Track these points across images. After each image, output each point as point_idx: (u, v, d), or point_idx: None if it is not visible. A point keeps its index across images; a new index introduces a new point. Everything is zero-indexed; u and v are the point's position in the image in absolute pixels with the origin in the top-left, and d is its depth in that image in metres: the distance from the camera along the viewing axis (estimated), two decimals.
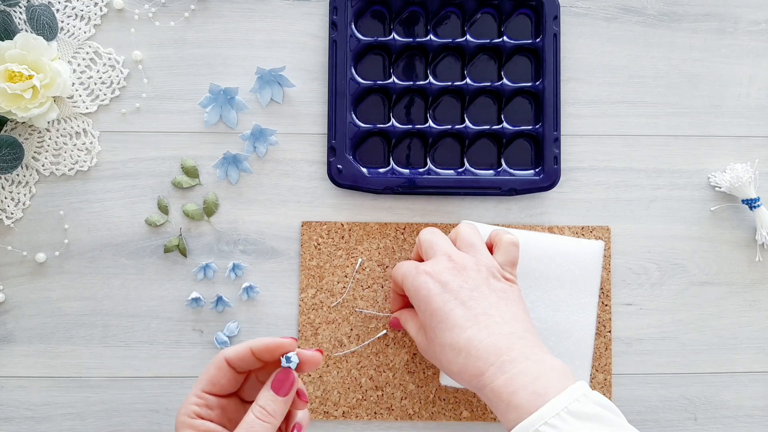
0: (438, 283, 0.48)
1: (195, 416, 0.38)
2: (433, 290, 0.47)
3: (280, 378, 0.38)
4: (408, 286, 0.51)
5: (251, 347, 0.39)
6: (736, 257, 0.67)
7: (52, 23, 0.62)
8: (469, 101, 0.65)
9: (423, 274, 0.49)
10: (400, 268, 0.54)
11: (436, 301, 0.47)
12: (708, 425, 0.66)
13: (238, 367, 0.39)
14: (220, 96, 0.64)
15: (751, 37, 0.67)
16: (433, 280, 0.48)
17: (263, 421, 0.37)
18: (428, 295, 0.47)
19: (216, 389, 0.39)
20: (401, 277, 0.52)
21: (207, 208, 0.64)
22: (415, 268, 0.50)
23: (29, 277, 0.64)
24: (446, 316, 0.46)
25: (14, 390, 0.63)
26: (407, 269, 0.51)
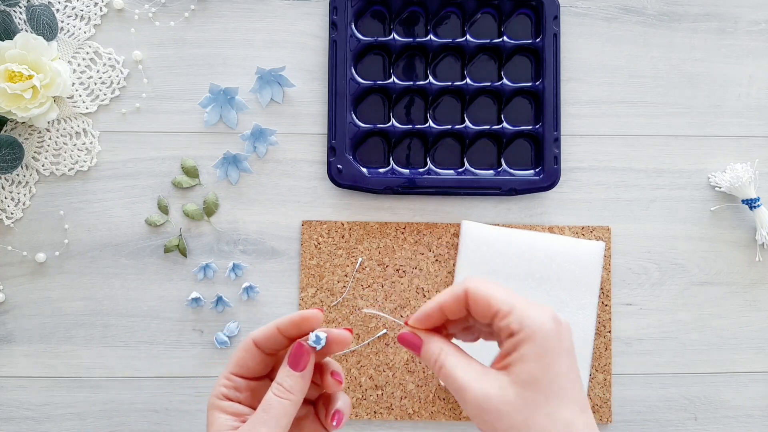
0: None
1: (223, 398, 0.38)
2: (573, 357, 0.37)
3: (295, 352, 0.37)
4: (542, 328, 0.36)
5: (277, 325, 0.38)
6: (736, 257, 0.67)
7: (52, 23, 0.62)
8: (469, 101, 0.65)
9: (568, 330, 0.38)
10: (514, 300, 0.38)
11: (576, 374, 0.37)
12: (708, 425, 0.66)
13: (267, 348, 0.38)
14: (220, 96, 0.64)
15: (751, 37, 0.67)
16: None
17: (280, 397, 0.36)
18: (572, 354, 0.37)
19: (244, 371, 0.38)
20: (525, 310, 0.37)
21: (207, 208, 0.64)
22: (555, 316, 0.38)
23: (29, 277, 0.64)
24: (579, 390, 0.37)
25: (14, 390, 0.63)
26: (544, 313, 0.37)
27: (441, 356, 0.38)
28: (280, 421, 0.35)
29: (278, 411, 0.36)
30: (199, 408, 0.64)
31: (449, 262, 0.65)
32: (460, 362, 0.38)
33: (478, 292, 0.37)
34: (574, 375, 0.36)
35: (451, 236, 0.65)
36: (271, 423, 0.35)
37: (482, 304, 0.37)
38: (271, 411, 0.35)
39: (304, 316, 0.37)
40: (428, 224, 0.65)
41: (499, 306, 0.36)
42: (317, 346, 0.37)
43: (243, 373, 0.38)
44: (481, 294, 0.37)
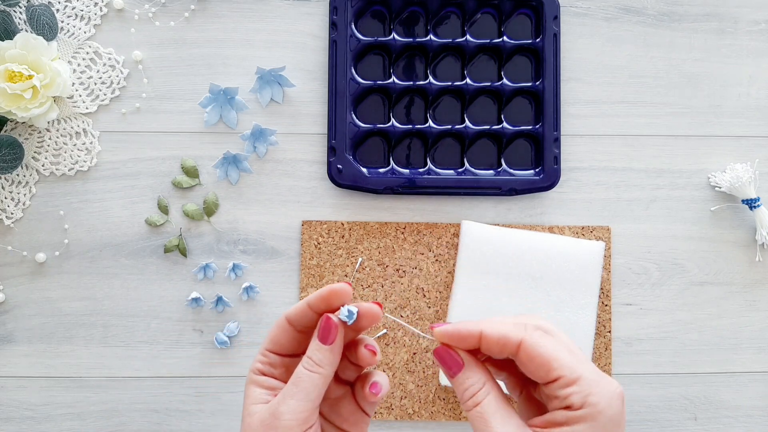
0: None
1: (259, 373, 0.38)
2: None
3: (324, 326, 0.37)
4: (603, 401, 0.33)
5: (308, 301, 0.37)
6: (736, 257, 0.67)
7: (52, 23, 0.62)
8: (469, 101, 0.65)
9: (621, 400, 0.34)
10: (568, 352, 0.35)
11: None
12: (708, 425, 0.66)
13: (299, 325, 0.38)
14: (220, 96, 0.64)
15: (751, 37, 0.67)
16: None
17: (309, 371, 0.36)
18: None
19: (277, 348, 0.38)
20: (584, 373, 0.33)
21: (207, 208, 0.64)
22: (621, 394, 0.34)
23: (29, 277, 0.64)
24: None
25: (14, 390, 0.63)
26: (613, 391, 0.33)
27: (481, 393, 0.35)
28: (309, 394, 0.35)
29: (307, 384, 0.36)
30: (199, 408, 0.64)
31: (449, 262, 0.65)
32: (500, 410, 0.34)
33: (538, 349, 0.33)
34: None
35: (451, 236, 0.65)
36: (300, 395, 0.35)
37: (540, 363, 0.33)
38: (301, 384, 0.36)
39: (333, 289, 0.37)
40: (428, 224, 0.65)
41: (563, 373, 0.33)
42: (348, 321, 0.36)
43: (277, 349, 0.38)
44: (541, 353, 0.33)
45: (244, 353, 0.64)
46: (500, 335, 0.34)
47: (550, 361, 0.33)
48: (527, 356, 0.34)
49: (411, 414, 0.64)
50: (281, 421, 0.35)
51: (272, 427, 0.35)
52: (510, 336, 0.34)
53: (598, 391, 0.32)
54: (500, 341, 0.34)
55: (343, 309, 0.37)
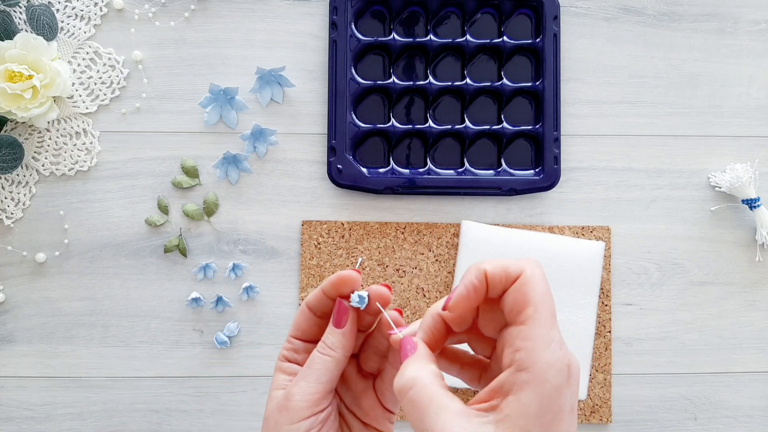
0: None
1: (284, 359, 0.39)
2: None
3: (336, 310, 0.38)
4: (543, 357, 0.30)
5: (322, 287, 0.38)
6: (736, 257, 0.67)
7: (52, 23, 0.62)
8: (469, 101, 0.65)
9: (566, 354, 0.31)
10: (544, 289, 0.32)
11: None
12: (708, 425, 0.66)
13: (318, 311, 0.39)
14: (220, 96, 0.64)
15: (751, 37, 0.67)
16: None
17: (322, 353, 0.37)
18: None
19: (300, 333, 0.39)
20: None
21: (207, 208, 0.64)
22: (572, 364, 0.31)
23: (29, 277, 0.64)
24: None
25: (14, 390, 0.63)
26: (562, 359, 0.30)
27: (414, 375, 0.31)
28: (320, 376, 0.36)
29: (319, 366, 0.36)
30: (199, 408, 0.64)
31: (449, 262, 0.65)
32: (437, 393, 0.31)
33: (527, 287, 0.31)
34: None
35: (451, 236, 0.65)
36: (311, 377, 0.36)
37: (520, 301, 0.31)
38: (313, 366, 0.36)
39: (341, 276, 0.37)
40: (428, 224, 0.65)
41: (529, 322, 0.30)
42: (360, 306, 0.37)
43: (300, 335, 0.39)
44: (527, 291, 0.31)
45: (244, 353, 0.64)
46: (503, 268, 0.32)
47: (528, 303, 0.31)
48: (517, 289, 0.31)
49: None
50: (292, 402, 0.35)
51: (285, 408, 0.35)
52: (510, 268, 0.32)
53: (547, 357, 0.29)
54: (504, 275, 0.32)
55: (354, 295, 0.37)
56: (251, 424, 0.64)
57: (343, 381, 0.39)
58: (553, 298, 0.31)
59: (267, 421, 0.36)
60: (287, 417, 0.35)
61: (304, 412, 0.35)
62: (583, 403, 0.64)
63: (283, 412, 0.35)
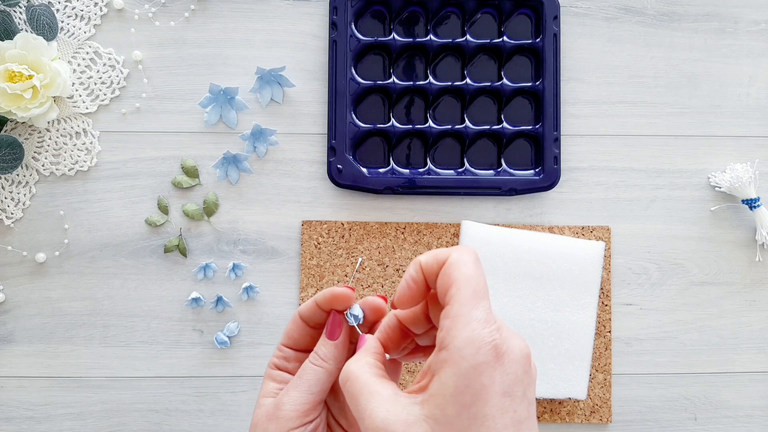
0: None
1: (274, 367, 0.39)
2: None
3: (329, 321, 0.38)
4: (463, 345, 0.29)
5: (315, 299, 0.38)
6: (736, 257, 0.67)
7: (52, 23, 0.62)
8: (469, 101, 0.65)
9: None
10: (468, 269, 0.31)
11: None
12: (708, 425, 0.66)
13: (310, 321, 0.39)
14: (220, 96, 0.64)
15: (751, 37, 0.67)
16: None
17: (314, 364, 0.37)
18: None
19: (291, 343, 0.39)
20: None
21: (207, 208, 0.64)
22: (497, 346, 0.29)
23: (29, 277, 0.64)
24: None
25: (14, 390, 0.63)
26: (481, 337, 0.29)
27: (351, 368, 0.32)
28: (311, 386, 0.36)
29: (310, 377, 0.36)
30: (199, 408, 0.64)
31: None
32: (370, 382, 0.31)
33: (450, 269, 0.31)
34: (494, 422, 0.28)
35: (451, 236, 0.65)
36: (302, 387, 0.36)
37: (444, 283, 0.31)
38: (304, 376, 0.36)
39: (334, 293, 0.37)
40: (428, 224, 0.65)
41: (451, 301, 0.30)
42: (355, 324, 0.38)
43: (291, 344, 0.39)
44: (450, 273, 0.30)
45: (244, 353, 0.64)
46: (434, 256, 0.32)
47: (451, 284, 0.30)
48: (443, 272, 0.31)
49: None
50: (282, 411, 0.35)
51: (274, 417, 0.35)
52: (439, 255, 0.32)
53: (465, 335, 0.28)
54: (435, 262, 0.32)
55: (348, 314, 0.38)
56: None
57: (331, 391, 0.38)
58: (481, 280, 0.30)
59: (254, 428, 0.36)
60: (276, 426, 0.35)
61: (294, 422, 0.35)
62: (583, 403, 0.64)
63: (272, 420, 0.35)
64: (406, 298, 0.33)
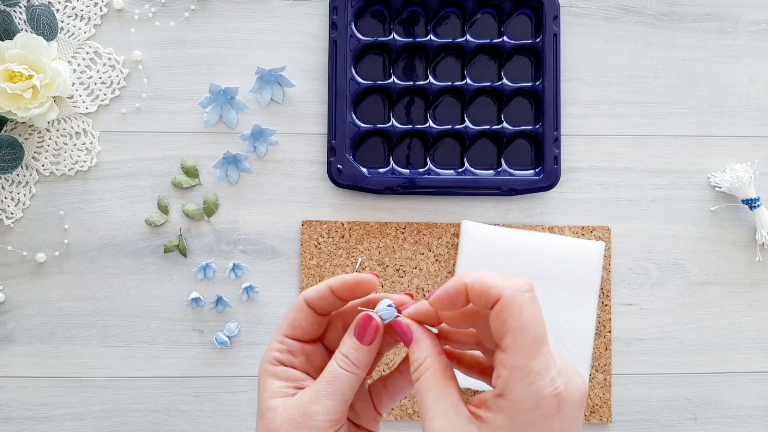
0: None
1: (277, 363, 0.35)
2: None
3: (363, 324, 0.34)
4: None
5: (330, 285, 0.35)
6: (736, 257, 0.67)
7: (52, 23, 0.62)
8: (469, 101, 0.65)
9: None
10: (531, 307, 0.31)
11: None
12: (708, 425, 0.66)
13: (319, 308, 0.35)
14: (220, 96, 0.64)
15: (751, 37, 0.67)
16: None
17: (347, 371, 0.34)
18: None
19: (298, 333, 0.35)
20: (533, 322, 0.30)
21: (207, 208, 0.64)
22: (558, 394, 0.30)
23: (29, 277, 0.64)
24: None
25: (14, 390, 0.63)
26: (546, 387, 0.29)
27: (423, 366, 0.33)
28: (344, 394, 0.34)
29: (344, 384, 0.34)
30: (199, 408, 0.64)
31: (449, 262, 0.65)
32: (438, 384, 0.32)
33: (505, 314, 0.30)
34: None
35: (451, 236, 0.65)
36: (336, 396, 0.33)
37: (498, 328, 0.30)
38: (337, 384, 0.33)
39: (359, 280, 0.35)
40: (428, 224, 0.65)
41: (509, 351, 0.29)
42: (390, 320, 0.34)
43: (297, 335, 0.36)
44: (505, 320, 0.29)
45: (244, 353, 0.64)
46: (482, 288, 0.30)
47: (506, 332, 0.30)
48: (496, 315, 0.30)
49: (411, 414, 0.64)
50: (315, 421, 0.33)
51: (304, 427, 0.33)
52: (490, 290, 0.30)
53: (523, 390, 0.29)
54: (482, 294, 0.31)
55: (382, 307, 0.34)
56: (251, 425, 0.64)
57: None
58: (539, 323, 0.30)
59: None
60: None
61: (327, 431, 0.33)
62: None
63: (301, 428, 0.33)
64: (440, 304, 0.33)
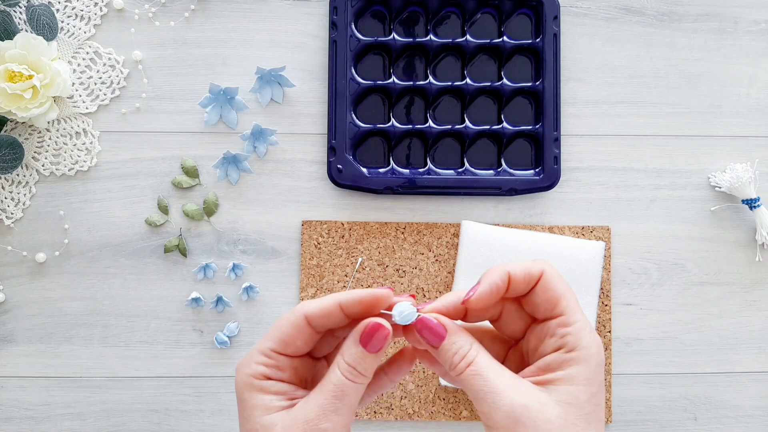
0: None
1: (263, 378, 0.33)
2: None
3: (370, 331, 0.32)
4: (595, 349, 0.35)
5: (339, 302, 0.33)
6: (736, 257, 0.67)
7: (52, 23, 0.62)
8: (469, 101, 0.65)
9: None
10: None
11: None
12: (708, 425, 0.66)
13: (321, 326, 0.33)
14: (220, 96, 0.64)
15: (751, 37, 0.67)
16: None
17: (354, 381, 0.32)
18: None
19: (290, 350, 0.33)
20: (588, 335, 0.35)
21: (207, 208, 0.64)
22: (601, 345, 0.36)
23: (29, 277, 0.64)
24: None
25: (14, 390, 0.63)
26: (598, 339, 0.35)
27: (472, 352, 0.33)
28: (353, 406, 0.32)
29: (353, 397, 0.32)
30: (199, 408, 0.64)
31: (449, 262, 0.65)
32: (493, 364, 0.33)
33: (553, 284, 0.34)
34: (604, 406, 0.35)
35: (451, 236, 0.65)
36: (345, 410, 0.32)
37: (551, 297, 0.34)
38: (346, 398, 0.32)
39: (377, 295, 0.33)
40: (428, 224, 0.65)
41: (566, 312, 0.34)
42: (407, 322, 0.33)
43: (290, 351, 0.34)
44: (555, 288, 0.34)
45: (244, 353, 0.64)
46: (524, 270, 0.34)
47: (559, 298, 0.34)
48: (544, 287, 0.34)
49: (411, 414, 0.64)
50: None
51: None
52: (532, 269, 0.34)
53: (590, 337, 0.34)
54: (526, 276, 0.34)
55: (399, 311, 0.33)
56: None
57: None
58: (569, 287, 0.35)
59: None
60: None
61: None
62: None
63: None
64: (482, 302, 0.34)
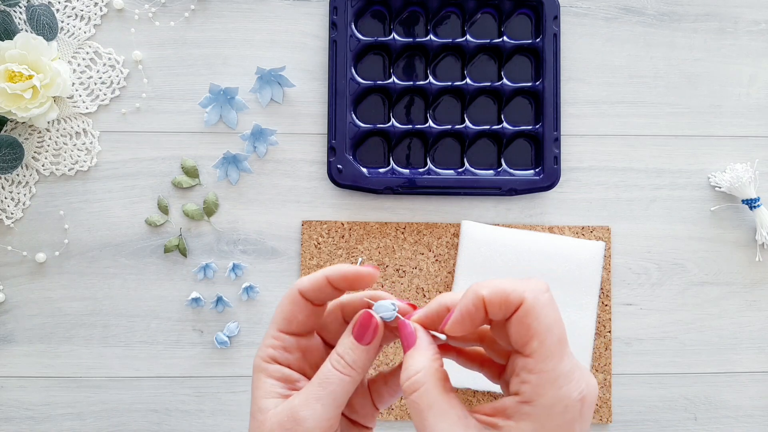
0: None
1: (271, 360, 0.33)
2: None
3: (362, 323, 0.32)
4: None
5: (327, 275, 0.32)
6: (736, 257, 0.67)
7: (52, 23, 0.62)
8: (469, 101, 0.65)
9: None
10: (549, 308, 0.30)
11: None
12: (708, 425, 0.66)
13: (315, 299, 0.33)
14: (220, 96, 0.64)
15: (751, 37, 0.67)
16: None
17: (341, 372, 0.31)
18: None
19: (293, 327, 0.33)
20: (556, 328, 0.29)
21: (207, 208, 0.64)
22: (585, 398, 0.30)
23: (29, 277, 0.64)
24: None
25: (14, 390, 0.63)
26: (573, 392, 0.29)
27: (420, 377, 0.30)
28: (337, 398, 0.31)
29: (336, 387, 0.31)
30: (199, 408, 0.64)
31: (449, 262, 0.65)
32: (439, 397, 0.29)
33: (528, 318, 0.29)
34: None
35: (451, 236, 0.65)
36: (328, 400, 0.31)
37: (523, 335, 0.29)
38: (329, 387, 0.31)
39: (360, 273, 0.32)
40: (428, 224, 0.65)
41: (535, 355, 0.28)
42: (391, 319, 0.32)
43: (292, 329, 0.33)
44: (529, 324, 0.28)
45: (244, 353, 0.64)
46: (501, 297, 0.29)
47: (532, 337, 0.28)
48: (518, 320, 0.29)
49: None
50: (303, 427, 0.30)
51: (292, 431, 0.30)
52: (510, 297, 0.29)
53: (553, 393, 0.28)
54: (502, 303, 0.29)
55: (383, 306, 0.33)
56: None
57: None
58: (561, 324, 0.29)
59: None
60: None
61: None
62: None
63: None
64: (457, 329, 0.31)
